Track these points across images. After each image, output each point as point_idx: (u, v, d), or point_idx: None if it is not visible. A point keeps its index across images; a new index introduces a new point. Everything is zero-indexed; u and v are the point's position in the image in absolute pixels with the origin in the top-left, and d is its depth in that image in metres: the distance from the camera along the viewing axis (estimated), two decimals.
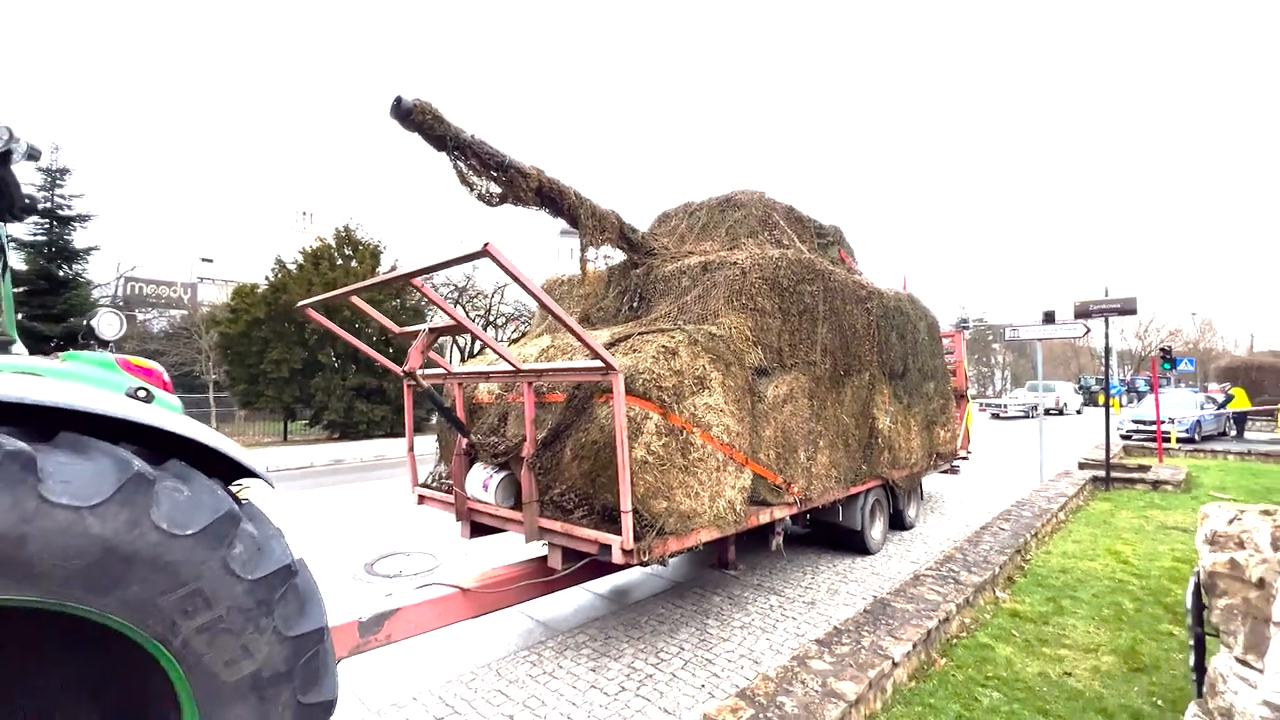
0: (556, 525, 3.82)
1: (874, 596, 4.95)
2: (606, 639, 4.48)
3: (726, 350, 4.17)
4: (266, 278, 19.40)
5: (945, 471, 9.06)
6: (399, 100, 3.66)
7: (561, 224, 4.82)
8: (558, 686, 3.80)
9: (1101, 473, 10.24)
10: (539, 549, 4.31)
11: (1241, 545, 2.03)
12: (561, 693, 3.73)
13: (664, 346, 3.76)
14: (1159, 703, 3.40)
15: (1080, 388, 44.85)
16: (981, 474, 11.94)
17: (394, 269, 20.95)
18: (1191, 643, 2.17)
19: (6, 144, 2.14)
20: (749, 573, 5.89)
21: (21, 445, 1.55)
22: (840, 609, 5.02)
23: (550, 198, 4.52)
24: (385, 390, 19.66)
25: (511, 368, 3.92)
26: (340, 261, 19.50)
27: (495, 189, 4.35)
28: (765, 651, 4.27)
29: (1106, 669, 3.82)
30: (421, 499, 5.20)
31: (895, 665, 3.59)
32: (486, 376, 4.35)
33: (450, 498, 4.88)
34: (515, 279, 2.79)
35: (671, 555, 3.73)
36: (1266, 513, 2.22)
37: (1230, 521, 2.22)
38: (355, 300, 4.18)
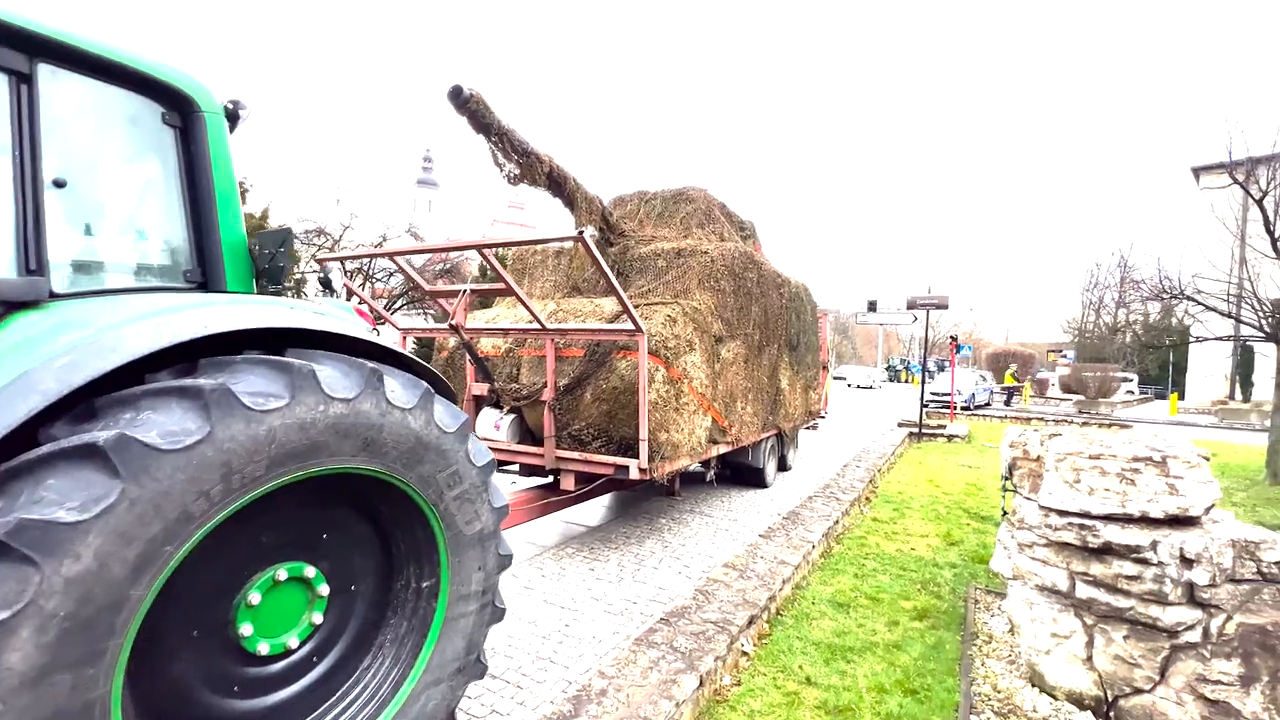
0: (575, 455, 4.77)
1: (780, 512, 6.57)
2: (591, 550, 5.54)
3: (702, 321, 5.35)
4: None
5: (809, 427, 11.23)
6: (459, 90, 4.23)
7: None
8: (569, 580, 4.81)
9: (915, 429, 13.32)
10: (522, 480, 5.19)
11: (1027, 444, 3.72)
12: (575, 583, 4.75)
13: (669, 315, 4.84)
14: (966, 558, 5.37)
15: (888, 367, 53.73)
16: (829, 431, 14.66)
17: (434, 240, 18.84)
18: (1002, 495, 3.91)
19: (244, 118, 2.61)
20: (683, 501, 7.27)
21: (375, 365, 2.24)
22: (758, 524, 6.57)
23: (557, 182, 5.30)
24: None
25: (539, 325, 4.73)
26: None
27: (515, 170, 5.04)
28: (716, 550, 5.63)
29: (934, 545, 5.78)
30: None
31: (814, 546, 5.16)
32: (506, 333, 5.08)
33: None
34: (598, 264, 3.69)
35: (666, 475, 4.89)
36: (1035, 430, 4.00)
37: (1020, 435, 3.95)
38: (397, 259, 4.67)
